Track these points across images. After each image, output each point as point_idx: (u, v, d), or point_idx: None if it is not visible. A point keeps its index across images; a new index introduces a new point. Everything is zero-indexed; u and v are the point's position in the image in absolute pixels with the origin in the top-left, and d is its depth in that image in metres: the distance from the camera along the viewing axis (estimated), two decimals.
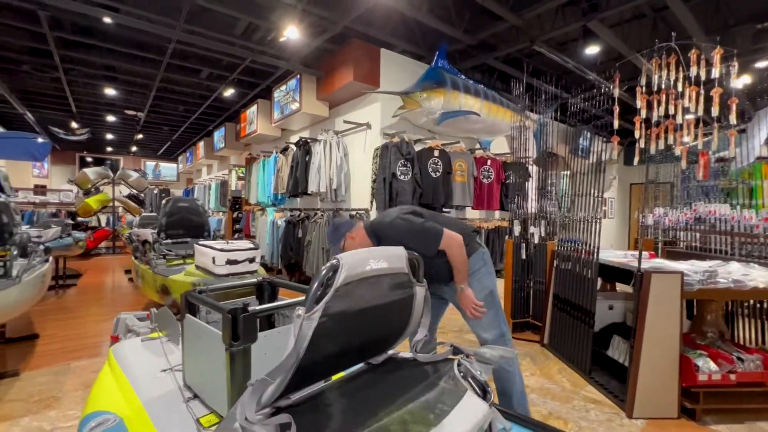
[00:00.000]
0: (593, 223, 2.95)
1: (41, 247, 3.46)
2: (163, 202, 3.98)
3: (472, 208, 5.43)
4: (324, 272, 0.73)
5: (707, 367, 2.22)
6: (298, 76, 5.12)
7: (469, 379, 0.91)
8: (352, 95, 4.89)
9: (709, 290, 2.32)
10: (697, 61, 3.11)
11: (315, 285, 0.72)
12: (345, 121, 4.91)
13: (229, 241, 2.51)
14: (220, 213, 9.85)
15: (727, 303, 2.98)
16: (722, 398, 2.25)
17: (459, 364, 0.95)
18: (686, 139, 3.09)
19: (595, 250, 2.86)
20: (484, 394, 0.88)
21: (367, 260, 0.81)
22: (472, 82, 4.99)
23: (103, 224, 11.03)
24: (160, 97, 7.18)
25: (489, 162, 5.51)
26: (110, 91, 6.85)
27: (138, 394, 1.20)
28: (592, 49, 4.47)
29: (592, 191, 3.01)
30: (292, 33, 3.86)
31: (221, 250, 2.29)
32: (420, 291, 0.98)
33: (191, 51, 4.97)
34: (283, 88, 5.63)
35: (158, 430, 1.03)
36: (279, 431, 0.65)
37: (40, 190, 11.81)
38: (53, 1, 3.55)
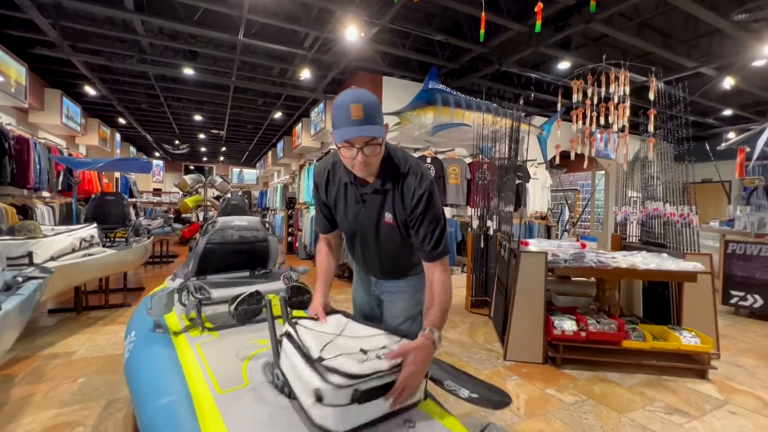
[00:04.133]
0: (512, 217, 3.68)
1: (147, 231, 5.25)
2: (220, 201, 5.58)
3: (470, 206, 6.18)
4: (209, 221, 1.90)
5: (561, 325, 2.89)
6: (324, 101, 6.44)
7: (286, 279, 2.01)
8: None
9: (573, 268, 2.98)
10: (616, 80, 3.67)
11: (204, 227, 1.89)
12: None
13: None
14: (282, 211, 11.77)
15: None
16: (578, 351, 2.90)
17: (286, 272, 2.05)
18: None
19: (511, 238, 3.59)
20: (287, 282, 1.97)
21: (233, 220, 1.97)
22: (464, 96, 5.78)
23: (200, 219, 13.80)
24: (233, 119, 9.17)
25: (485, 166, 6.20)
26: (198, 117, 9.00)
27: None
28: (564, 64, 4.98)
29: (506, 191, 3.73)
30: (306, 74, 5.18)
31: None
32: (272, 239, 2.11)
33: (247, 87, 6.60)
34: (316, 109, 7.02)
35: None
36: (196, 280, 1.83)
37: (156, 192, 15.13)
38: (156, 69, 5.38)
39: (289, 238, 9.66)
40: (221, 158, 16.32)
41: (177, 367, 1.37)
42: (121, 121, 9.30)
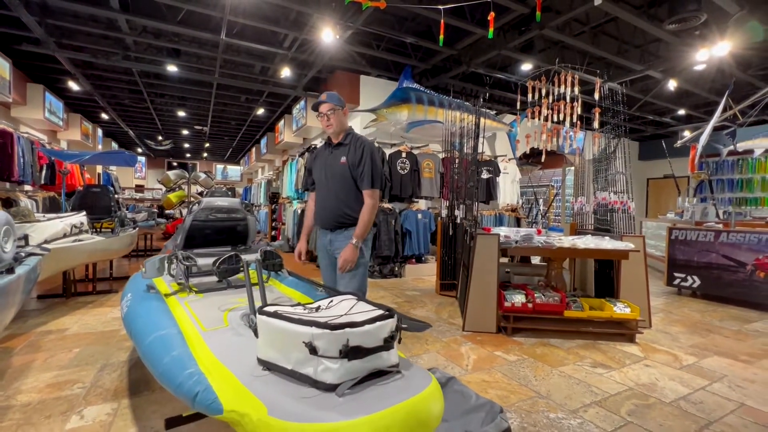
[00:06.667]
0: (476, 206, 4.06)
1: (133, 221, 5.45)
2: (205, 193, 5.81)
3: (443, 199, 6.55)
4: (195, 201, 2.19)
5: (511, 298, 3.27)
6: (305, 98, 6.71)
7: (262, 251, 2.32)
8: None
9: (523, 248, 3.36)
10: (565, 81, 4.06)
11: (190, 206, 2.18)
12: None
13: None
14: (266, 207, 11.96)
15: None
16: (526, 321, 3.29)
17: (263, 246, 2.36)
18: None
19: (475, 224, 3.96)
20: (261, 255, 2.28)
21: (216, 200, 2.26)
22: (436, 95, 6.13)
23: (183, 215, 13.85)
24: (216, 115, 9.33)
25: (457, 161, 6.57)
26: (182, 113, 9.13)
27: None
28: (527, 66, 5.39)
29: (470, 182, 4.10)
30: (286, 72, 5.45)
31: None
32: (251, 218, 2.41)
33: (230, 84, 6.82)
34: (298, 106, 7.28)
35: None
36: (184, 250, 2.12)
37: (139, 188, 15.07)
38: (139, 66, 5.56)
39: (273, 232, 9.89)
40: (205, 155, 16.34)
41: (169, 314, 1.66)
42: (104, 116, 9.34)
